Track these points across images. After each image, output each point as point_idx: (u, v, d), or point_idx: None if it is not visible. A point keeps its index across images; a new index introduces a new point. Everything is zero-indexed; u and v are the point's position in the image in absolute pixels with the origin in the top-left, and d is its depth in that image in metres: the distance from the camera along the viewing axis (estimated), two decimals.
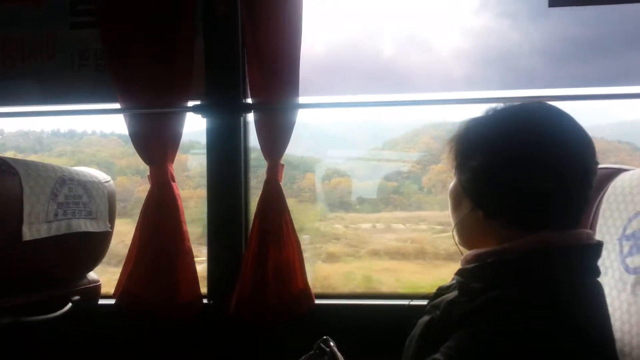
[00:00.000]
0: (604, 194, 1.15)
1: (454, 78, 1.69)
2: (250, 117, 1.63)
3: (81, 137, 2.47)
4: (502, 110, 0.91)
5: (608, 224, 1.10)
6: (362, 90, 1.67)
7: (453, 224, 0.97)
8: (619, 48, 1.60)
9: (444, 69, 1.70)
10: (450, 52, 1.71)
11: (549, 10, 1.56)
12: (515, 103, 0.91)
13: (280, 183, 1.56)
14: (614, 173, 1.16)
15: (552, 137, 0.84)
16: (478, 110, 0.94)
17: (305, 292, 1.55)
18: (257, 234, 1.54)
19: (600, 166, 1.18)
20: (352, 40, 1.76)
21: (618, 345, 0.95)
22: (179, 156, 1.65)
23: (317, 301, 1.57)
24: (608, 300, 1.01)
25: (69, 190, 1.28)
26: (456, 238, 0.98)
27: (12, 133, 2.44)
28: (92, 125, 2.46)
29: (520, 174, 0.83)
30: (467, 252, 0.93)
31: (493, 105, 0.92)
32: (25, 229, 1.15)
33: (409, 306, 1.17)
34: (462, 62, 1.71)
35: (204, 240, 1.67)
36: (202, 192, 1.72)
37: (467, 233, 0.95)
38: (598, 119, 1.91)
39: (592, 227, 1.14)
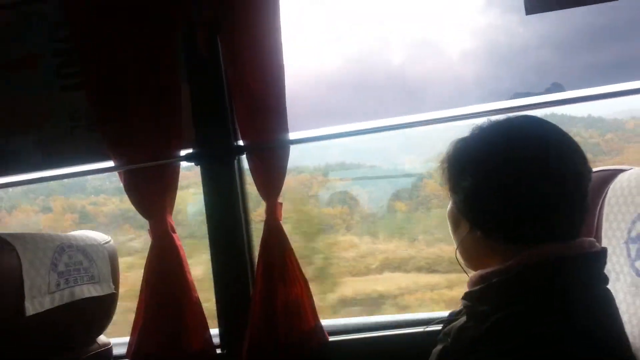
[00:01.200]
0: (604, 197, 1.12)
1: (465, 79, 1.67)
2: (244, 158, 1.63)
3: None
4: (487, 127, 0.90)
5: (613, 228, 1.08)
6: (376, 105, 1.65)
7: (455, 246, 0.96)
8: (633, 33, 1.57)
9: (454, 72, 1.69)
10: (459, 54, 1.70)
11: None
12: (500, 118, 0.91)
13: (281, 222, 1.55)
14: (613, 174, 1.14)
15: (539, 149, 0.83)
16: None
17: (316, 329, 1.53)
18: (262, 274, 1.52)
19: (597, 169, 1.18)
20: (361, 53, 1.74)
21: (635, 351, 0.92)
22: None
23: (330, 338, 1.54)
24: (622, 306, 0.99)
25: (68, 257, 1.28)
26: (460, 260, 0.96)
27: None
28: None
29: (511, 190, 0.82)
30: (472, 274, 0.91)
31: (479, 122, 0.92)
32: (27, 304, 1.14)
33: (426, 332, 1.14)
34: (472, 62, 1.69)
35: None
36: None
37: (469, 254, 0.94)
38: None
39: (598, 232, 1.12)
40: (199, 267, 1.82)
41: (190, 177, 1.89)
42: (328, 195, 2.26)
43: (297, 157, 1.63)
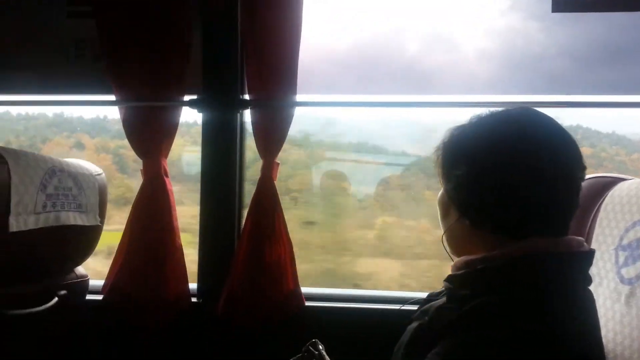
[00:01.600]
0: (601, 202, 1.13)
1: (478, 79, 1.66)
2: (247, 114, 1.61)
3: None
4: (485, 117, 0.90)
5: (605, 233, 1.09)
6: (386, 89, 1.64)
7: (442, 232, 0.96)
8: None
9: (468, 70, 1.67)
10: (475, 53, 1.69)
11: (578, 14, 1.53)
12: (500, 109, 0.90)
13: (275, 182, 1.54)
14: (613, 182, 1.15)
15: (535, 142, 0.83)
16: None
17: (295, 293, 1.53)
18: (249, 232, 1.52)
19: (598, 175, 1.19)
20: (376, 38, 1.73)
21: (610, 356, 0.94)
22: None
23: (307, 303, 1.55)
24: (602, 310, 1.00)
25: (58, 181, 1.26)
26: (446, 246, 0.97)
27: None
28: None
29: (503, 182, 0.82)
30: (457, 259, 0.92)
31: (478, 112, 0.91)
32: (12, 219, 1.12)
33: (400, 311, 1.15)
34: (487, 63, 1.68)
35: None
36: None
37: (455, 241, 0.95)
38: None
39: (589, 235, 1.13)
40: None
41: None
42: None
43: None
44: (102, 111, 2.24)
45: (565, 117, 1.95)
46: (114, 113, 1.67)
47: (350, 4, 1.70)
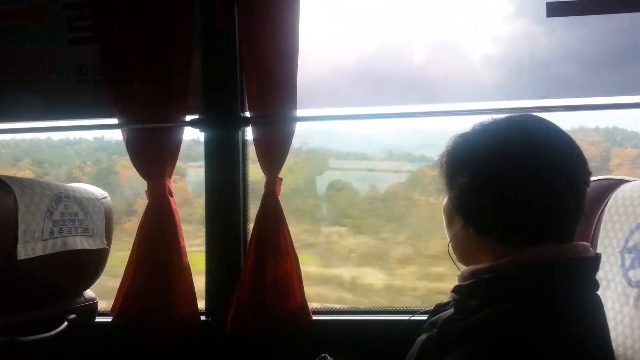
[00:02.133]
0: (605, 205, 1.13)
1: (485, 86, 1.65)
2: (249, 131, 1.63)
3: None
4: (488, 125, 0.89)
5: (610, 236, 1.08)
6: (396, 100, 1.65)
7: (448, 240, 0.96)
8: None
9: (475, 77, 1.67)
10: (481, 59, 1.68)
11: (585, 18, 1.53)
12: (502, 116, 0.90)
13: (279, 197, 1.55)
14: (615, 184, 1.14)
15: (537, 148, 0.82)
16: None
17: (302, 307, 1.54)
18: (255, 248, 1.53)
19: (601, 177, 1.18)
20: (382, 48, 1.73)
21: (617, 358, 0.93)
22: None
23: (314, 317, 1.55)
24: (610, 314, 1.00)
25: (64, 207, 1.28)
26: (452, 254, 0.96)
27: None
28: None
29: (506, 189, 0.81)
30: (463, 269, 0.92)
31: (481, 119, 0.92)
32: (20, 247, 1.14)
33: (408, 322, 1.15)
34: (494, 69, 1.67)
35: None
36: None
37: (461, 249, 0.94)
38: None
39: (594, 239, 1.12)
40: None
41: None
42: None
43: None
44: None
45: (600, 120, 1.91)
46: None
47: (354, 16, 1.70)
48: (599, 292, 0.85)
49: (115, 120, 1.61)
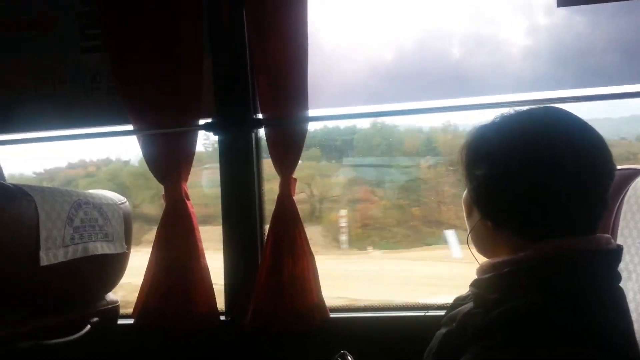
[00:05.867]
0: (624, 195, 1.11)
1: (525, 78, 1.62)
2: (262, 132, 1.64)
3: None
4: (508, 116, 0.89)
5: (630, 227, 1.07)
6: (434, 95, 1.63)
7: (468, 232, 0.96)
8: None
9: (515, 70, 1.64)
10: (520, 52, 1.65)
11: (630, 6, 1.49)
12: (525, 108, 0.89)
13: (294, 197, 1.56)
14: (635, 174, 1.13)
15: (557, 140, 0.81)
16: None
17: (319, 306, 1.54)
18: (271, 248, 1.54)
19: (619, 167, 1.16)
20: (420, 44, 1.70)
21: None
22: None
23: (331, 314, 1.56)
24: (632, 305, 0.98)
25: (84, 213, 1.30)
26: (471, 246, 0.96)
27: None
28: None
29: (524, 182, 0.81)
30: (482, 262, 0.91)
31: (502, 111, 0.91)
32: (42, 254, 1.16)
33: (425, 317, 1.15)
34: (533, 61, 1.64)
35: None
36: None
37: (480, 241, 0.94)
38: None
39: (614, 229, 1.11)
40: None
41: None
42: None
43: None
44: None
45: None
46: None
47: (389, 13, 1.69)
48: (620, 283, 0.84)
49: (130, 127, 1.63)
